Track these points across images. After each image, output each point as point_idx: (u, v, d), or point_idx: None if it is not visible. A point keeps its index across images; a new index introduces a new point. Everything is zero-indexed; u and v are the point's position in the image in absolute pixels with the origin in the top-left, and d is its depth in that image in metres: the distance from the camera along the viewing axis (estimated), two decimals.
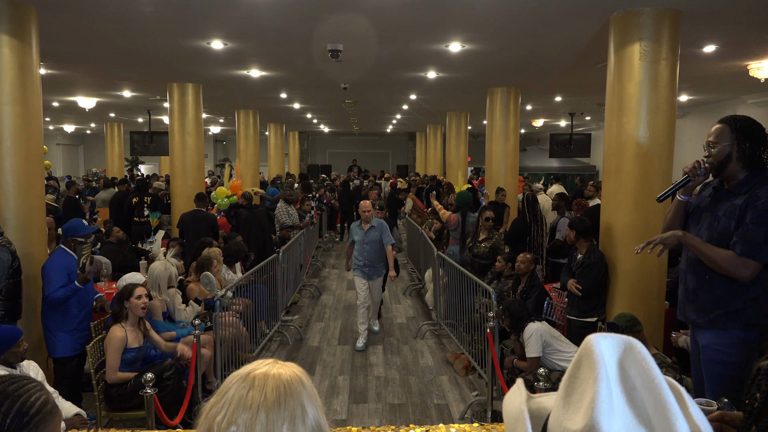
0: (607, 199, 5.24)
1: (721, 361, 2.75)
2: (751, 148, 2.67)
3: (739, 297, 2.69)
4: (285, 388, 0.98)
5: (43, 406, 1.30)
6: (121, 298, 4.13)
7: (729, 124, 2.72)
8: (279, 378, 0.99)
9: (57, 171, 22.28)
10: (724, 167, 2.73)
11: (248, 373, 1.00)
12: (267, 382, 0.98)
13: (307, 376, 1.05)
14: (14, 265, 4.26)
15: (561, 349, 4.41)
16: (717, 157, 2.73)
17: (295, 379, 1.01)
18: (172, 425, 3.66)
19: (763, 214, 2.58)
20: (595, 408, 0.74)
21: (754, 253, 2.58)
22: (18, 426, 1.25)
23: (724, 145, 2.71)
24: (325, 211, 13.89)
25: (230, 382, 1.00)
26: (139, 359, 4.13)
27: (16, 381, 1.33)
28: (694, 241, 2.74)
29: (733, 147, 2.69)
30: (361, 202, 6.53)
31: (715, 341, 2.77)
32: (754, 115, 2.91)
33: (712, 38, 6.35)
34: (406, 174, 23.20)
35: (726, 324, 2.72)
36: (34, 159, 4.92)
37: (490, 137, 9.59)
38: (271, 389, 0.98)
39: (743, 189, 2.69)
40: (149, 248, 7.92)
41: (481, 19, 5.54)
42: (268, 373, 1.00)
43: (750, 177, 2.69)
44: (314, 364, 5.96)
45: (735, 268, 2.61)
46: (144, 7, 5.17)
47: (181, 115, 9.11)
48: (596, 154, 16.45)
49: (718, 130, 2.74)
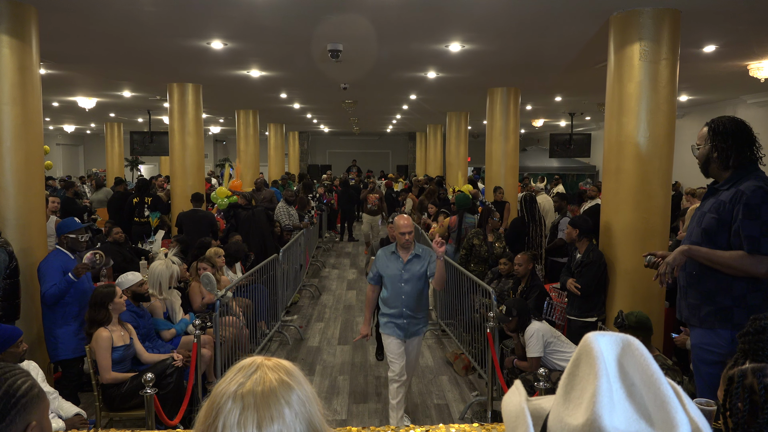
0: (607, 199, 5.24)
1: (709, 361, 2.76)
2: (728, 148, 2.75)
3: (727, 294, 2.72)
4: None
5: (29, 389, 1.32)
6: (104, 303, 4.03)
7: (709, 126, 2.83)
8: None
9: (57, 171, 22.28)
10: (706, 168, 2.87)
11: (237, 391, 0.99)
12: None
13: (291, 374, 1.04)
14: (11, 266, 4.26)
15: (562, 349, 4.42)
16: (700, 158, 2.87)
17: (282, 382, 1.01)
18: (172, 425, 3.67)
19: (751, 208, 2.63)
20: (596, 402, 0.74)
21: (755, 248, 2.60)
22: (5, 407, 1.27)
23: (704, 147, 2.83)
24: (325, 211, 13.89)
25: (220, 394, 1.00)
26: (126, 357, 4.10)
27: (1, 366, 1.35)
28: (701, 252, 2.76)
29: (711, 149, 2.79)
30: (396, 219, 4.36)
31: (704, 341, 2.79)
32: (754, 115, 2.96)
33: (712, 38, 6.35)
34: (406, 174, 23.22)
35: (715, 323, 2.74)
36: (34, 159, 4.92)
37: (490, 137, 9.60)
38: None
39: (727, 185, 2.77)
40: (149, 248, 7.92)
41: (481, 19, 5.54)
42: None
43: (733, 175, 2.77)
44: (314, 364, 5.96)
45: (750, 266, 2.63)
46: (144, 7, 5.17)
47: (181, 115, 9.12)
48: (596, 154, 16.46)
49: (701, 133, 2.87)
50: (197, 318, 4.74)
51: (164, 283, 4.90)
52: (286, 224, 9.20)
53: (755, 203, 2.62)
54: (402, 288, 4.29)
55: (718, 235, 2.73)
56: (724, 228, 2.71)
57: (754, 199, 2.62)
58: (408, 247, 4.29)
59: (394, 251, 4.36)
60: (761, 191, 2.63)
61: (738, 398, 1.55)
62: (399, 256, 4.33)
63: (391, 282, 4.33)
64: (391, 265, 4.33)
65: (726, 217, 2.70)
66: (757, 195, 2.62)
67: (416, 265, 4.29)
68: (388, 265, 4.35)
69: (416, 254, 4.31)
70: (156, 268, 4.91)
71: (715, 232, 2.73)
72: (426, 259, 4.30)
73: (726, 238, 2.71)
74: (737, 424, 1.54)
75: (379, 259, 4.42)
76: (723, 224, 2.71)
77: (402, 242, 4.27)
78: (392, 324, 4.35)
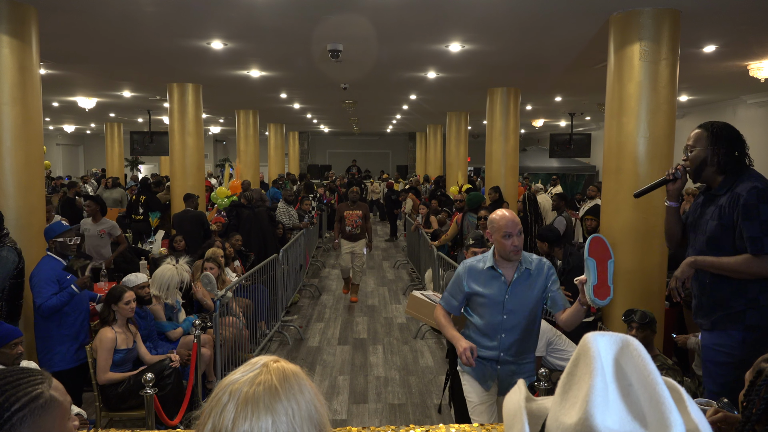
0: (607, 199, 5.24)
1: (720, 362, 2.76)
2: (726, 153, 2.74)
3: (740, 297, 2.71)
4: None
5: (31, 401, 1.21)
6: (109, 302, 4.07)
7: (707, 130, 2.80)
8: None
9: (57, 171, 22.29)
10: (700, 171, 2.82)
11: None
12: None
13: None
14: (19, 266, 4.24)
15: (563, 347, 4.42)
16: (694, 161, 2.82)
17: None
18: (172, 425, 3.67)
19: (749, 209, 2.62)
20: (589, 401, 0.74)
21: (759, 248, 2.60)
22: None
23: (700, 149, 2.79)
24: (325, 211, 13.89)
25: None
26: (128, 360, 4.09)
27: (7, 375, 1.26)
28: (707, 262, 2.75)
29: (708, 152, 2.77)
30: (494, 216, 2.99)
31: (715, 342, 2.79)
32: (754, 115, 2.96)
33: (712, 38, 6.36)
34: (406, 174, 23.22)
35: (727, 325, 2.74)
36: (34, 159, 4.92)
37: (490, 137, 9.60)
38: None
39: (723, 190, 2.76)
40: (149, 248, 7.93)
41: (481, 19, 5.55)
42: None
43: (727, 179, 2.76)
44: (314, 364, 5.96)
45: (758, 268, 2.63)
46: (144, 7, 5.17)
47: (181, 115, 9.12)
48: (596, 154, 16.45)
49: (697, 135, 2.82)
50: (197, 318, 4.74)
51: (173, 288, 4.87)
52: (286, 224, 9.21)
53: (752, 203, 2.62)
54: (503, 322, 2.95)
55: (723, 240, 2.72)
56: (728, 233, 2.70)
57: (750, 199, 2.62)
58: (517, 258, 2.95)
59: (491, 266, 2.98)
60: (755, 190, 2.63)
61: (758, 395, 1.53)
62: (499, 272, 2.98)
63: (486, 311, 2.99)
64: (488, 285, 2.99)
65: (728, 222, 2.70)
66: (753, 195, 2.62)
67: (527, 288, 2.95)
68: (481, 285, 3.00)
69: (527, 269, 2.97)
70: (165, 273, 4.85)
71: (719, 238, 2.72)
72: (542, 276, 2.98)
73: (731, 243, 2.70)
74: (748, 418, 1.53)
75: (466, 275, 3.04)
76: (726, 229, 2.71)
77: (509, 251, 2.91)
78: (480, 365, 3.01)
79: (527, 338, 3.00)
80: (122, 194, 12.81)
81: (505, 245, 2.90)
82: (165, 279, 4.83)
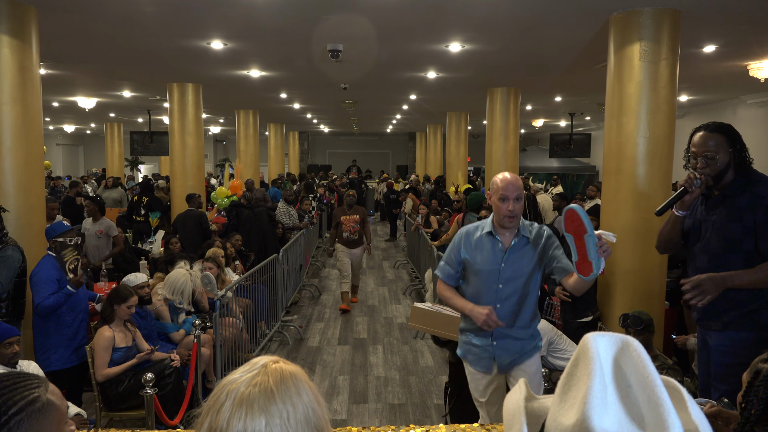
0: (607, 199, 5.24)
1: (730, 363, 2.70)
2: (741, 153, 2.70)
3: (757, 298, 2.66)
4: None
5: (28, 404, 1.20)
6: (112, 301, 4.06)
7: (722, 133, 2.71)
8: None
9: (57, 171, 22.29)
10: (722, 177, 2.72)
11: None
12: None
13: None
14: (23, 265, 4.25)
15: (564, 347, 4.43)
16: (718, 168, 2.70)
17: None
18: (172, 425, 3.67)
19: None
20: (587, 403, 0.74)
21: None
22: None
23: (723, 155, 2.70)
24: (325, 211, 13.89)
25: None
26: (129, 358, 4.07)
27: (4, 379, 1.25)
28: (743, 281, 2.61)
29: (730, 155, 2.70)
30: (497, 177, 2.83)
31: (726, 343, 2.74)
32: (755, 115, 2.94)
33: (712, 38, 6.36)
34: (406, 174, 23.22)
35: (741, 326, 2.69)
36: (34, 159, 4.92)
37: (490, 137, 9.60)
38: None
39: (738, 190, 2.69)
40: (149, 248, 7.93)
41: (481, 19, 5.55)
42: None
43: (739, 179, 2.71)
44: (314, 364, 5.96)
45: None
46: (144, 7, 5.17)
47: (181, 115, 9.12)
48: (596, 154, 16.45)
49: (716, 142, 2.70)
50: (197, 318, 4.74)
51: (186, 292, 4.87)
52: (286, 224, 9.21)
53: None
54: (499, 291, 2.80)
55: (744, 242, 2.66)
56: (749, 234, 2.65)
57: None
58: (512, 225, 2.79)
59: (489, 231, 2.83)
60: None
61: (756, 396, 1.53)
62: (497, 239, 2.82)
63: (480, 280, 2.84)
64: (484, 252, 2.83)
65: (749, 223, 2.64)
66: None
67: (525, 256, 2.81)
68: (476, 252, 2.85)
69: (524, 236, 2.82)
70: (179, 279, 4.83)
71: (740, 240, 2.66)
72: (541, 245, 2.81)
73: (752, 244, 2.65)
74: (747, 419, 1.52)
75: (461, 242, 2.90)
76: (747, 230, 2.65)
77: (503, 215, 2.73)
78: (474, 349, 2.89)
79: (523, 309, 2.84)
80: (122, 194, 12.82)
81: (500, 209, 2.74)
82: (179, 285, 4.82)
